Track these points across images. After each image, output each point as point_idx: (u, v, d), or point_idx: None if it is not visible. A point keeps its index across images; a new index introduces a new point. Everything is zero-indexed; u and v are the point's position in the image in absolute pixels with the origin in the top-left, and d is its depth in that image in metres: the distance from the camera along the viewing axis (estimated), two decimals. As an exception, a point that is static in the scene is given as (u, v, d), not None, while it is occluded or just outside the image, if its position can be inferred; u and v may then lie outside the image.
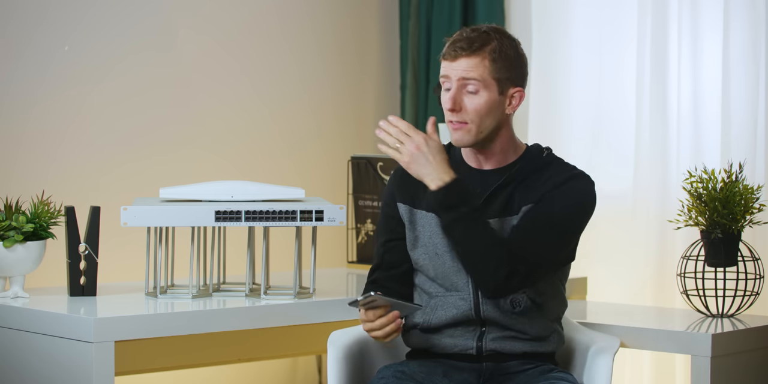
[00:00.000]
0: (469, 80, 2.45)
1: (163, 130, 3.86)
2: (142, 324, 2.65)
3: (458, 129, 2.47)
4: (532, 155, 2.54)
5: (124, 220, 2.83)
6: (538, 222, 2.44)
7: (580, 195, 2.49)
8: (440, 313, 2.51)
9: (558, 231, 2.46)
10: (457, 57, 2.45)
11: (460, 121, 2.46)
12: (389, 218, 2.59)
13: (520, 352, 2.51)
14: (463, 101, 2.46)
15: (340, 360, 2.61)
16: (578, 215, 2.48)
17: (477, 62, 2.45)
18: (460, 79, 2.45)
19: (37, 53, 3.60)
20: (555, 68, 4.07)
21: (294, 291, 2.92)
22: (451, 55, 2.46)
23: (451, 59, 2.46)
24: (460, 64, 2.45)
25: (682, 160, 3.73)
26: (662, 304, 3.73)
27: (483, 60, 2.45)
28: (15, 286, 2.86)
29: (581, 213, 2.49)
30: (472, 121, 2.46)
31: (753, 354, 2.83)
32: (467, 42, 2.45)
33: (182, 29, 3.92)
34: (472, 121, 2.46)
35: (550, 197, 2.46)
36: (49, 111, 3.61)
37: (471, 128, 2.47)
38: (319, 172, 4.22)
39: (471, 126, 2.46)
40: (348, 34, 4.36)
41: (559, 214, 2.45)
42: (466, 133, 2.47)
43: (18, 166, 3.55)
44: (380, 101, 4.46)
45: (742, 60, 3.61)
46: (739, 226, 2.89)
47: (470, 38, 2.45)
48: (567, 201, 2.46)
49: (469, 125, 2.46)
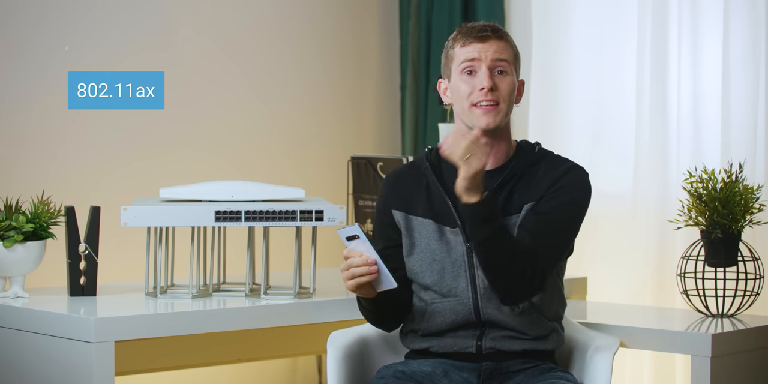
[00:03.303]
0: (501, 61, 2.48)
1: (163, 131, 3.86)
2: (142, 324, 2.65)
3: (491, 110, 2.47)
4: (525, 151, 2.55)
5: (124, 220, 2.83)
6: (543, 223, 2.44)
7: (578, 189, 2.50)
8: (439, 320, 2.51)
9: (563, 229, 2.47)
10: (487, 39, 2.48)
11: (494, 101, 2.47)
12: (385, 226, 2.58)
13: (519, 351, 2.50)
14: (495, 82, 2.48)
15: (340, 360, 2.61)
16: (579, 210, 2.50)
17: (505, 45, 2.50)
18: (493, 60, 2.48)
19: (38, 53, 3.60)
20: (555, 68, 4.07)
21: (294, 291, 2.92)
22: (479, 37, 2.48)
23: (480, 41, 2.48)
24: (491, 45, 2.48)
25: (682, 160, 3.73)
26: (662, 304, 3.73)
27: (507, 44, 2.51)
28: (15, 286, 2.86)
29: (582, 207, 2.51)
30: (504, 100, 2.48)
31: (753, 354, 2.83)
32: (492, 28, 2.50)
33: (182, 30, 3.92)
34: (504, 101, 2.48)
35: (550, 196, 2.47)
36: (49, 111, 3.61)
37: (502, 108, 2.48)
38: (319, 172, 4.22)
39: (502, 106, 2.48)
40: (348, 35, 4.36)
41: (562, 212, 2.46)
42: (497, 114, 2.48)
43: (18, 166, 3.55)
44: (380, 101, 4.46)
45: (742, 60, 3.61)
46: (739, 226, 2.89)
47: (492, 26, 2.50)
48: (567, 197, 2.47)
49: (500, 106, 2.48)
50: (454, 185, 2.41)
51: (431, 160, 2.57)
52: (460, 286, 2.49)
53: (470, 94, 2.47)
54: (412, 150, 4.35)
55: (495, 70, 2.48)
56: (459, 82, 2.49)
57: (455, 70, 2.50)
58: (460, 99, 2.49)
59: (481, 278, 2.47)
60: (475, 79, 2.47)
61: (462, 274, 2.49)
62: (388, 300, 2.48)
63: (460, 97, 2.49)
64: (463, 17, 4.23)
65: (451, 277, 2.49)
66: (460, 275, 2.49)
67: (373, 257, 2.36)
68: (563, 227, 2.47)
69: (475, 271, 2.48)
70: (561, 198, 2.47)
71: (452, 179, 2.50)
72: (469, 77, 2.48)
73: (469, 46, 2.48)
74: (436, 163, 2.56)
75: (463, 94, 2.48)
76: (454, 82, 2.50)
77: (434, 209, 2.52)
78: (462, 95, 2.49)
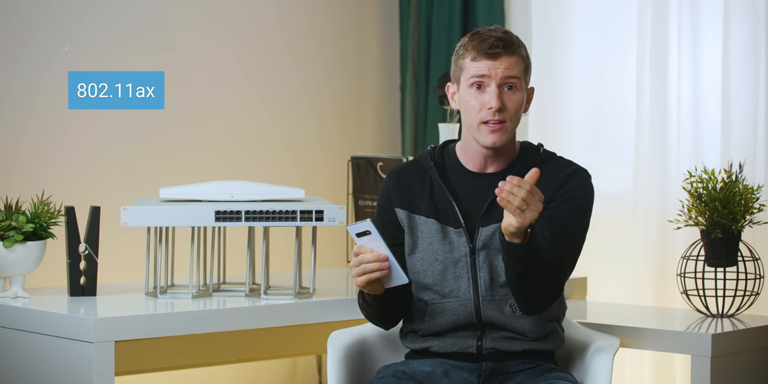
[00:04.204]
0: (511, 79, 2.45)
1: (163, 131, 3.86)
2: (142, 324, 2.65)
3: (498, 129, 2.44)
4: (529, 153, 2.54)
5: (124, 220, 2.83)
6: (561, 230, 2.44)
7: (586, 193, 2.50)
8: (440, 321, 2.51)
9: (580, 233, 2.49)
10: (499, 56, 2.44)
11: (501, 121, 2.44)
12: (387, 223, 2.57)
13: (520, 351, 2.50)
14: (504, 100, 2.45)
15: (340, 360, 2.61)
16: (589, 213, 2.51)
17: (516, 60, 2.45)
18: (503, 77, 2.44)
19: (37, 53, 3.60)
20: (555, 68, 4.07)
21: (294, 291, 2.91)
22: (490, 54, 2.43)
23: (492, 58, 2.43)
24: (502, 62, 2.44)
25: (682, 160, 3.73)
26: (662, 304, 3.73)
27: (519, 58, 2.46)
28: (15, 286, 2.86)
29: (590, 210, 2.52)
30: (510, 120, 2.46)
31: (753, 354, 2.83)
32: (505, 42, 2.44)
33: (182, 29, 3.92)
34: (511, 120, 2.46)
35: (559, 201, 2.46)
36: (49, 111, 3.61)
37: (508, 127, 2.45)
38: (319, 172, 4.22)
39: (509, 125, 2.45)
40: (348, 35, 4.36)
41: (576, 218, 2.47)
42: (504, 133, 2.45)
43: (18, 166, 3.55)
44: (380, 101, 4.46)
45: (742, 60, 3.61)
46: (739, 226, 2.89)
47: (505, 38, 2.45)
48: (577, 202, 2.47)
49: (507, 124, 2.45)
50: (458, 186, 2.42)
51: (435, 159, 2.56)
52: (461, 287, 2.49)
53: (479, 111, 2.45)
54: (412, 150, 4.35)
55: (504, 86, 2.45)
56: (468, 96, 2.47)
57: (464, 82, 2.48)
58: (469, 113, 2.47)
59: (482, 280, 2.47)
60: (484, 96, 2.44)
61: (464, 275, 2.48)
62: (393, 297, 2.48)
63: (469, 112, 2.47)
64: (463, 17, 4.23)
65: (452, 277, 2.49)
66: (462, 276, 2.49)
67: (384, 253, 2.35)
68: (580, 232, 2.49)
69: (477, 273, 2.48)
70: (572, 203, 2.47)
71: (456, 179, 2.50)
72: (478, 93, 2.45)
73: (479, 62, 2.44)
74: (440, 163, 2.56)
75: (472, 110, 2.46)
76: (463, 94, 2.48)
77: (438, 209, 2.52)
78: (470, 111, 2.47)
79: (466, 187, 2.51)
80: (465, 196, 2.51)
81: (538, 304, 2.44)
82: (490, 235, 2.47)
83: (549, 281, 2.40)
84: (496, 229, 2.47)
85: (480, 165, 2.52)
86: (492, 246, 2.47)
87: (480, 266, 2.47)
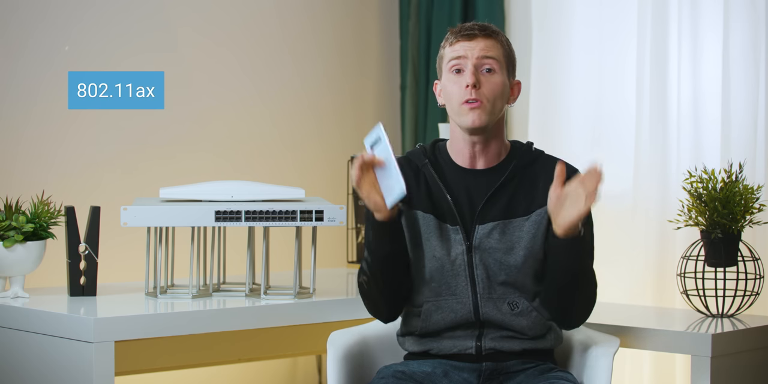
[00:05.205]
0: (487, 59, 2.47)
1: (163, 131, 3.86)
2: (142, 324, 2.65)
3: (476, 107, 2.45)
4: (521, 151, 2.55)
5: (124, 220, 2.83)
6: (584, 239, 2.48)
7: None
8: (437, 318, 2.51)
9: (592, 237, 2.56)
10: (475, 37, 2.47)
11: (477, 99, 2.45)
12: None
13: (519, 350, 2.51)
14: (480, 80, 2.46)
15: (340, 360, 2.61)
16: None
17: (494, 43, 2.48)
18: (479, 58, 2.46)
19: (37, 53, 3.60)
20: (555, 68, 4.07)
21: (294, 291, 2.92)
22: (466, 36, 2.47)
23: (468, 39, 2.47)
24: (478, 43, 2.47)
25: (682, 160, 3.73)
26: (662, 304, 3.73)
27: (497, 43, 2.49)
28: (15, 286, 2.86)
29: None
30: (487, 100, 2.46)
31: (753, 354, 2.83)
32: (480, 27, 2.49)
33: (182, 29, 3.92)
34: (488, 100, 2.46)
35: None
36: (49, 111, 3.61)
37: (486, 107, 2.46)
38: (318, 172, 4.22)
39: (486, 105, 2.46)
40: (348, 35, 4.36)
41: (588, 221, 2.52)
42: (483, 112, 2.46)
43: (18, 166, 3.55)
44: (380, 101, 4.46)
45: (742, 60, 3.61)
46: (739, 226, 2.89)
47: (480, 25, 2.49)
48: None
49: (484, 104, 2.46)
50: (452, 183, 2.46)
51: (429, 156, 2.56)
52: (459, 285, 2.49)
53: (459, 93, 2.47)
54: (412, 150, 4.34)
55: (482, 68, 2.47)
56: (448, 82, 2.49)
57: (445, 70, 2.50)
58: (450, 99, 2.49)
59: (480, 277, 2.48)
60: (462, 78, 2.47)
61: (461, 273, 2.49)
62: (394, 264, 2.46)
63: (450, 98, 2.49)
64: (463, 17, 4.23)
65: (450, 274, 2.49)
66: (460, 274, 2.49)
67: (382, 158, 2.36)
68: (592, 235, 2.55)
69: (474, 271, 2.48)
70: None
71: (450, 177, 2.50)
72: (457, 76, 2.48)
73: (456, 45, 2.48)
74: (434, 160, 2.56)
75: (452, 94, 2.48)
76: (444, 82, 2.50)
77: (435, 206, 2.52)
78: (451, 95, 2.48)
79: (461, 185, 2.52)
80: (459, 194, 2.51)
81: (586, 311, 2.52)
82: (486, 234, 2.48)
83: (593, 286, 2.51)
84: (493, 228, 2.47)
85: (469, 158, 2.52)
86: (488, 244, 2.47)
87: (477, 264, 2.47)
